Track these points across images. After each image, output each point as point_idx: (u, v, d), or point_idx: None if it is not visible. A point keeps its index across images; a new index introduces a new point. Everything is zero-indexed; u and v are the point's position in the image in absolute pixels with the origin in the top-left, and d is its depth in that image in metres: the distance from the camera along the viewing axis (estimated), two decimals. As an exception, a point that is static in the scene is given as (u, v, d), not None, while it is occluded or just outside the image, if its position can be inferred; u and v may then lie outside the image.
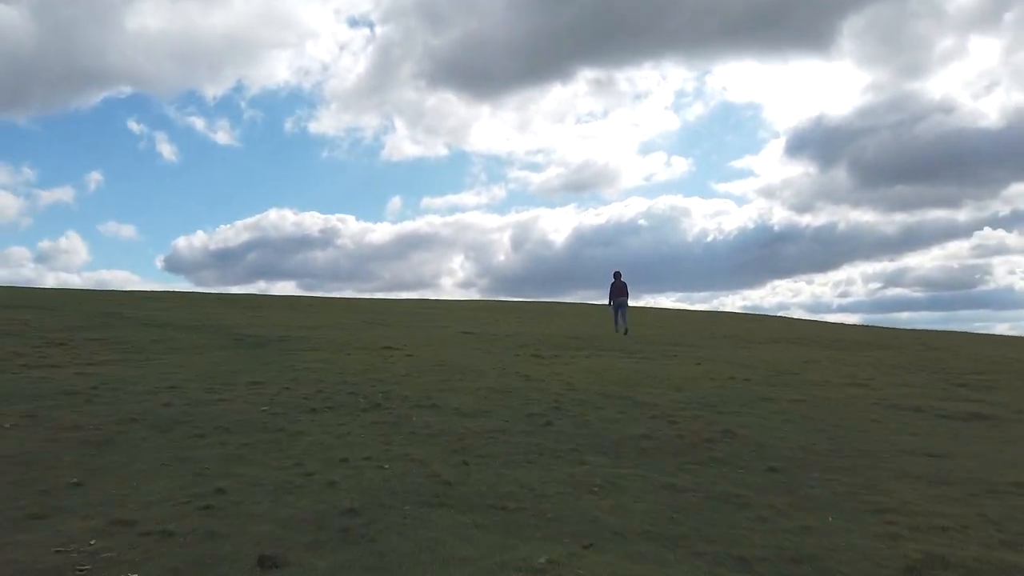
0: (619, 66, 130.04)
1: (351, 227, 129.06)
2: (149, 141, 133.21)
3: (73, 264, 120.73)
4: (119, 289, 35.33)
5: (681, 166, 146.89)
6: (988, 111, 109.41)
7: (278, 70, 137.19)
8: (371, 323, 22.96)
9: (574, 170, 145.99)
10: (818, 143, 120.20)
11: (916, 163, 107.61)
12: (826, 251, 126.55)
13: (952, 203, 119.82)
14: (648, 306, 41.89)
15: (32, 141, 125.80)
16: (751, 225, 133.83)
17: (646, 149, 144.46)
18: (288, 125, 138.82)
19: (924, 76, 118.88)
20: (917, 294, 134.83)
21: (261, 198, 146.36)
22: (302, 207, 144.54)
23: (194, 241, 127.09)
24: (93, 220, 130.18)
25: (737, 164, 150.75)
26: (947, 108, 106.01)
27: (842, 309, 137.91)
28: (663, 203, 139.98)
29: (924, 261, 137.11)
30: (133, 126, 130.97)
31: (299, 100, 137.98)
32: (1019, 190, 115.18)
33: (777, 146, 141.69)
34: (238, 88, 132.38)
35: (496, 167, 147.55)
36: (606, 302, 23.21)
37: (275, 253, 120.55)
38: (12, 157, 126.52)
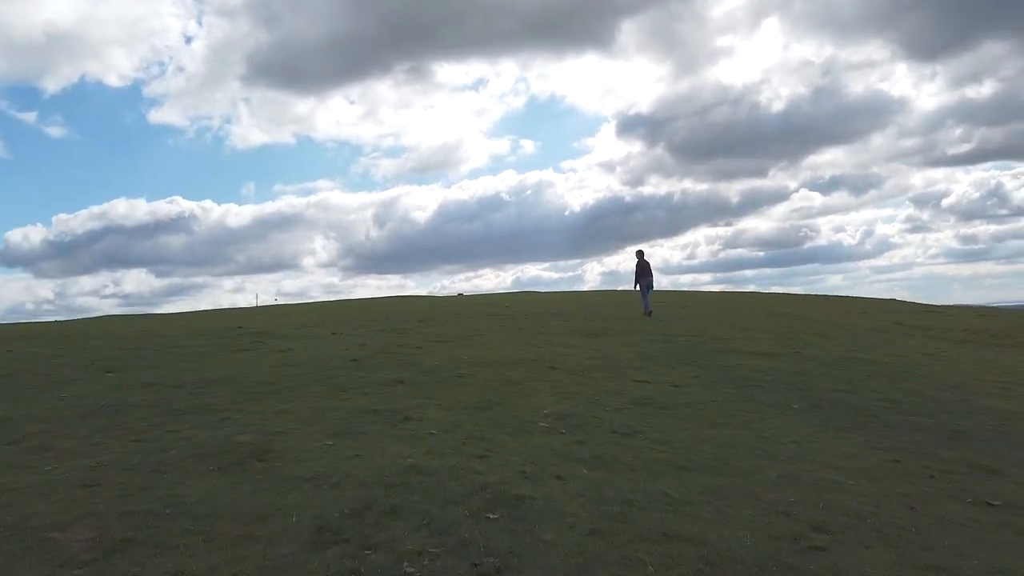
0: (438, 61, 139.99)
1: (204, 212, 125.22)
2: None
3: None
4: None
5: (529, 147, 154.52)
6: (765, 99, 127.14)
7: (116, 66, 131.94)
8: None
9: (427, 153, 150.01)
10: (640, 126, 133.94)
11: (723, 141, 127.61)
12: (670, 218, 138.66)
13: (761, 173, 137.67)
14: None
15: None
16: (601, 197, 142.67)
17: (492, 133, 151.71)
18: (128, 117, 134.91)
19: (703, 71, 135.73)
20: (756, 253, 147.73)
21: (106, 188, 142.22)
22: (151, 196, 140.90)
23: (31, 233, 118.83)
24: None
25: (577, 145, 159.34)
26: (733, 98, 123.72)
27: (692, 270, 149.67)
28: (520, 180, 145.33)
29: (757, 224, 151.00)
30: None
31: (139, 93, 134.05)
32: (815, 160, 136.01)
33: (609, 129, 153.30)
34: (75, 82, 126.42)
35: (348, 152, 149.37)
36: (632, 286, 21.31)
37: (124, 240, 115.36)
38: None
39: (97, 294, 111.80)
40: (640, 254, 21.18)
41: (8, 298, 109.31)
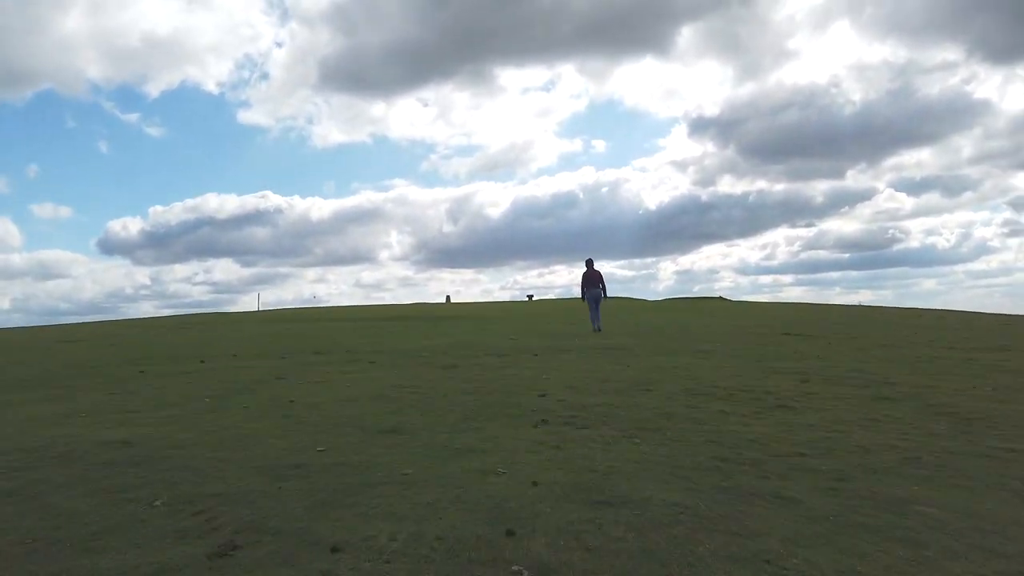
0: (500, 65, 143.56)
1: (290, 206, 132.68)
2: (86, 135, 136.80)
3: (9, 247, 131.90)
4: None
5: (599, 147, 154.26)
6: (838, 101, 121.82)
7: (210, 71, 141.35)
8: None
9: (497, 152, 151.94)
10: (711, 127, 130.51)
11: (796, 143, 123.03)
12: (745, 218, 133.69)
13: (839, 174, 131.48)
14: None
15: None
16: (674, 196, 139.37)
17: (560, 133, 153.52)
18: (219, 118, 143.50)
19: (769, 74, 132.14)
20: (840, 255, 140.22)
21: (197, 184, 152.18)
22: (240, 191, 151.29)
23: (129, 224, 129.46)
24: (28, 206, 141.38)
25: (647, 145, 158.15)
26: (804, 100, 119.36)
27: (771, 271, 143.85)
28: (591, 177, 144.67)
29: (840, 225, 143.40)
30: (70, 121, 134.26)
31: (230, 96, 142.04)
32: (897, 162, 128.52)
33: (680, 131, 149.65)
34: (175, 87, 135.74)
35: (421, 151, 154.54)
36: (579, 295, 19.85)
37: (214, 232, 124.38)
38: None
39: (189, 281, 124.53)
40: (589, 263, 19.43)
41: (109, 283, 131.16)
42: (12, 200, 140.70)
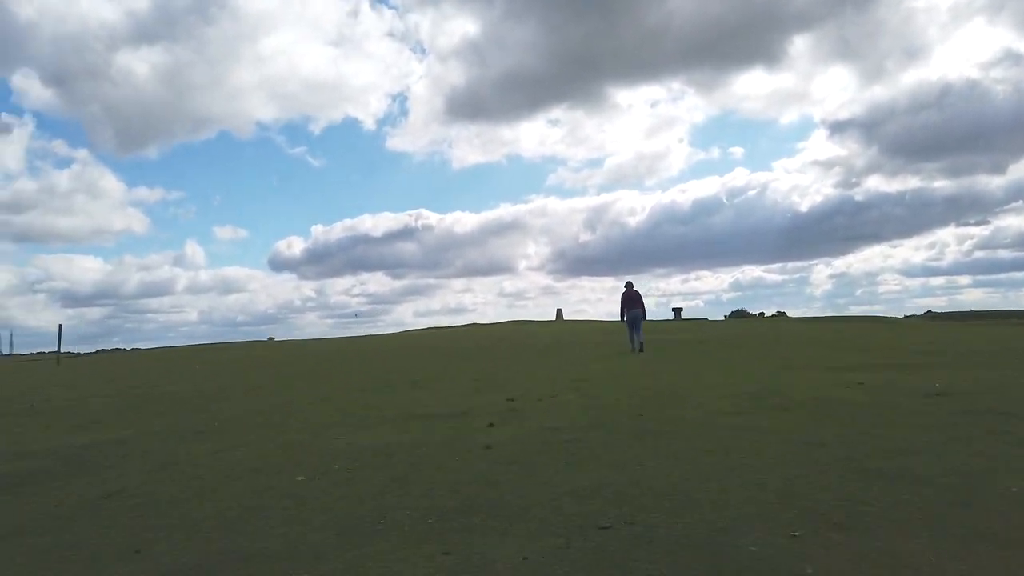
0: (616, 85, 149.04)
1: (438, 221, 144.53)
2: (260, 167, 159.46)
3: (197, 265, 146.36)
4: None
5: (737, 153, 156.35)
6: (979, 97, 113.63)
7: (365, 106, 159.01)
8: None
9: (628, 165, 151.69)
10: (849, 128, 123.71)
11: (944, 139, 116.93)
12: (903, 218, 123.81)
13: (1000, 169, 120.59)
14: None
15: (161, 170, 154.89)
16: (826, 196, 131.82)
17: (689, 143, 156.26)
18: (371, 147, 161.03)
19: (896, 75, 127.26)
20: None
21: (354, 206, 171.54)
22: (392, 209, 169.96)
23: (294, 243, 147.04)
24: (211, 228, 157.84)
25: (787, 147, 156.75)
26: (941, 98, 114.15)
27: (940, 272, 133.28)
28: (739, 180, 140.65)
29: (1019, 221, 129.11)
30: (247, 155, 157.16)
31: (381, 127, 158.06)
32: None
33: (819, 135, 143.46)
34: (331, 122, 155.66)
35: (553, 166, 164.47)
36: (618, 317, 19.82)
37: (368, 247, 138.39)
38: (146, 182, 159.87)
39: (348, 293, 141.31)
40: (628, 285, 19.47)
41: (280, 296, 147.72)
42: (200, 224, 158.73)
